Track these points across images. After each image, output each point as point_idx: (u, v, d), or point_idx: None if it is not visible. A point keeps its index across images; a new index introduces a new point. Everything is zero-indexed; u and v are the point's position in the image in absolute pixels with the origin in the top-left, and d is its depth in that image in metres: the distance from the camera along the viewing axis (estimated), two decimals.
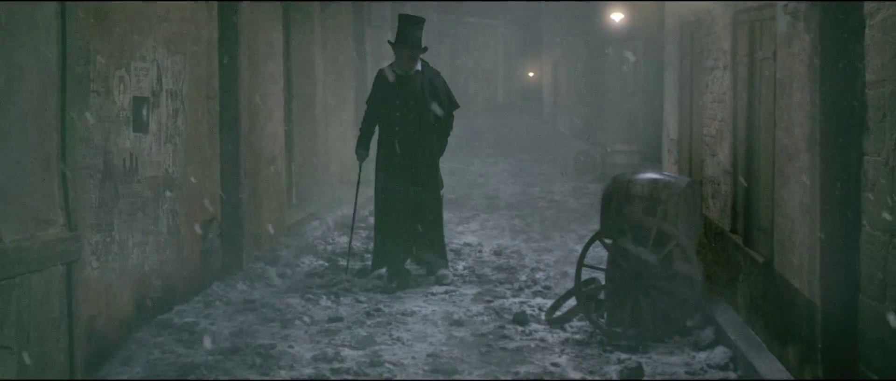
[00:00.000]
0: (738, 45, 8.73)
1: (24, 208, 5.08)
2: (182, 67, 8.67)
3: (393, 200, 10.01)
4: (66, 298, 5.40)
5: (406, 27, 9.98)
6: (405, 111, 9.98)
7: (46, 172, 5.31)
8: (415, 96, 9.93)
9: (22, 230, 5.01)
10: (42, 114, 5.28)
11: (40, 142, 5.27)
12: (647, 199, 8.17)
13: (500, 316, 8.72)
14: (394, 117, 9.99)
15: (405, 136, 9.99)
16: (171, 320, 8.26)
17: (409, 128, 9.98)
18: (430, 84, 10.01)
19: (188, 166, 8.85)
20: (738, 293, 8.51)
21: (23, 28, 5.04)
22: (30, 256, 5.06)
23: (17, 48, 5.00)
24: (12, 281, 4.91)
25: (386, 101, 10.03)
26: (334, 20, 14.48)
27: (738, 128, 8.76)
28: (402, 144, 9.99)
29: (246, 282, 9.83)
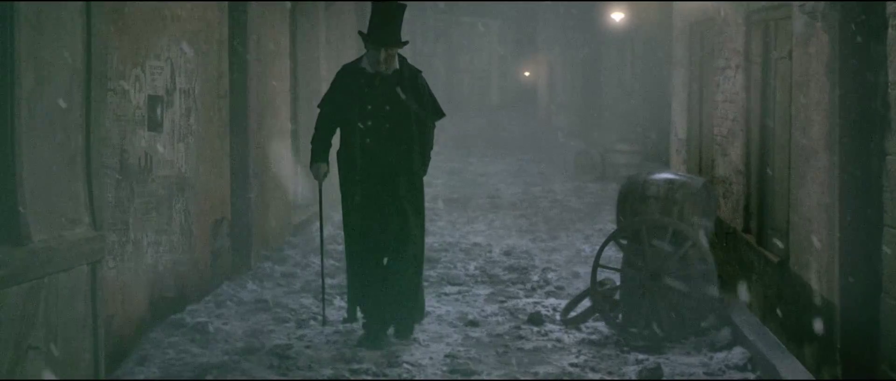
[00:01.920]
0: (752, 44, 8.73)
1: (52, 208, 5.05)
2: (195, 65, 8.64)
3: (366, 235, 7.90)
4: (90, 298, 5.37)
5: (381, 16, 7.72)
6: (380, 120, 7.76)
7: (72, 172, 5.28)
8: (393, 101, 7.76)
9: (50, 230, 4.98)
10: (68, 113, 5.25)
11: (67, 141, 5.24)
12: (663, 199, 8.16)
13: (514, 317, 8.71)
14: (363, 128, 7.76)
15: (380, 151, 7.78)
16: (184, 319, 8.22)
17: (384, 142, 7.77)
18: (410, 86, 7.84)
19: (200, 165, 8.82)
20: (752, 293, 8.51)
21: (50, 26, 5.01)
22: (58, 255, 5.03)
23: (46, 46, 4.97)
24: (41, 281, 4.88)
25: (352, 106, 7.76)
26: (338, 19, 14.46)
27: (751, 128, 8.76)
28: (376, 162, 7.78)
29: (255, 282, 9.80)
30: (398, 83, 7.79)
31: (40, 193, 4.93)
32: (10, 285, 4.54)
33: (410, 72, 7.90)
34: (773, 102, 8.22)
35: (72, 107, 5.30)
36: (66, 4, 5.16)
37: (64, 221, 5.17)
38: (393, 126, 7.79)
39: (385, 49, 7.65)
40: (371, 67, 7.75)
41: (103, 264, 5.52)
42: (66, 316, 5.18)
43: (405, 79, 7.82)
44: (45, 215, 4.98)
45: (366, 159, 7.78)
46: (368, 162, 7.78)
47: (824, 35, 6.89)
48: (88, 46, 5.40)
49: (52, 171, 5.07)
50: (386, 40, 7.65)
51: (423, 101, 7.90)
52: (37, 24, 4.87)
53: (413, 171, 7.89)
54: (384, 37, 7.65)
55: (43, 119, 4.98)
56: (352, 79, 7.84)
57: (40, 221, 4.90)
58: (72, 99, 5.29)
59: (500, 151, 27.68)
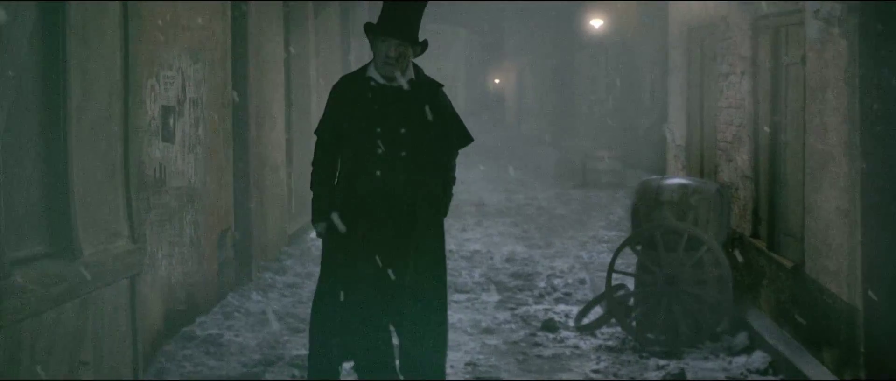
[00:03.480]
0: (760, 50, 8.76)
1: (97, 221, 4.98)
2: (202, 75, 8.56)
3: (358, 288, 6.06)
4: (130, 312, 5.30)
5: (393, 5, 6.00)
6: (393, 145, 5.99)
7: (112, 183, 5.21)
8: (409, 120, 6.02)
9: (97, 243, 4.91)
10: (108, 123, 5.18)
11: (108, 152, 5.17)
12: (678, 204, 8.18)
13: (527, 324, 8.69)
14: (370, 156, 5.98)
15: (393, 185, 6.01)
16: (194, 332, 8.14)
17: (398, 173, 6.01)
18: (430, 103, 6.10)
19: (207, 176, 8.74)
20: (762, 298, 8.54)
21: (94, 36, 4.94)
22: (104, 269, 4.96)
23: (90, 57, 4.90)
24: (90, 296, 4.79)
25: (357, 127, 6.00)
26: (325, 27, 14.41)
27: (759, 133, 8.80)
28: (387, 200, 6.02)
29: (260, 293, 9.72)
30: (416, 98, 6.01)
31: (87, 205, 4.86)
32: (66, 302, 4.45)
33: (429, 85, 6.10)
34: (785, 107, 8.26)
35: (112, 117, 5.23)
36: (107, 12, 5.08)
37: (107, 234, 5.10)
38: (410, 153, 5.99)
39: (396, 42, 5.85)
40: (380, 77, 5.98)
41: (141, 278, 5.42)
42: (109, 331, 5.10)
43: (424, 93, 6.03)
44: (92, 228, 4.90)
45: (374, 196, 5.97)
46: (377, 199, 5.97)
47: (842, 40, 6.93)
48: (126, 56, 5.33)
49: (96, 182, 4.99)
50: (399, 30, 5.85)
51: (445, 121, 6.11)
52: (83, 35, 4.80)
53: (435, 211, 6.14)
54: (397, 26, 5.86)
55: (88, 130, 4.91)
56: (355, 92, 6.00)
57: (88, 234, 4.82)
58: (112, 110, 5.23)
59: (472, 158, 27.65)
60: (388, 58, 5.92)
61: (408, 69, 6.04)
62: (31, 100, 4.54)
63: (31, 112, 4.53)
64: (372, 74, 6.07)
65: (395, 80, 5.99)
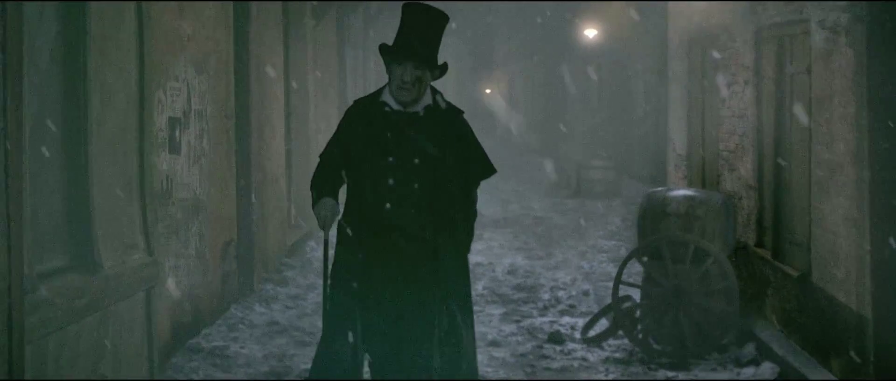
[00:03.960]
0: (763, 59, 8.79)
1: (115, 233, 4.95)
2: (207, 86, 8.54)
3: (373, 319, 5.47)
4: (146, 325, 5.27)
5: (411, 24, 5.48)
6: (406, 177, 5.45)
7: (129, 195, 5.19)
8: (423, 150, 5.48)
9: (115, 256, 4.88)
10: (125, 135, 5.16)
11: (125, 164, 5.15)
12: (684, 216, 8.18)
13: (534, 336, 8.68)
14: (380, 188, 5.44)
15: (405, 222, 5.44)
16: (200, 344, 8.10)
17: (411, 208, 5.45)
18: (449, 130, 5.56)
19: (211, 188, 8.71)
20: (767, 307, 8.55)
21: (112, 48, 4.92)
22: (122, 282, 4.94)
23: (109, 69, 4.88)
24: (109, 309, 4.77)
25: (367, 157, 5.48)
26: (323, 38, 14.40)
27: (763, 143, 8.82)
28: (399, 239, 5.44)
29: (262, 304, 9.69)
30: (432, 125, 5.50)
31: (106, 217, 4.83)
32: (88, 315, 4.43)
33: (448, 111, 5.60)
34: (790, 117, 8.27)
35: (128, 129, 5.21)
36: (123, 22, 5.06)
37: (124, 246, 5.07)
38: (424, 186, 5.43)
39: (412, 65, 5.34)
40: (394, 102, 5.48)
41: (157, 291, 5.40)
42: (127, 344, 5.07)
43: (441, 120, 5.53)
44: (111, 241, 4.88)
45: (383, 233, 5.39)
46: (386, 237, 5.39)
47: (849, 50, 6.95)
48: (141, 68, 5.31)
49: (114, 195, 4.97)
50: (415, 53, 5.34)
51: (464, 151, 5.55)
52: (102, 46, 4.78)
53: (455, 250, 5.50)
54: (413, 48, 5.35)
55: (107, 142, 4.89)
56: (367, 118, 5.50)
57: (107, 247, 4.80)
58: (128, 122, 5.21)
59: None
60: (404, 83, 5.38)
61: (425, 94, 5.50)
62: (52, 111, 4.51)
63: (52, 123, 4.51)
64: (386, 98, 5.52)
65: (410, 105, 5.46)
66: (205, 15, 8.45)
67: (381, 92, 5.62)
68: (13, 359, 3.72)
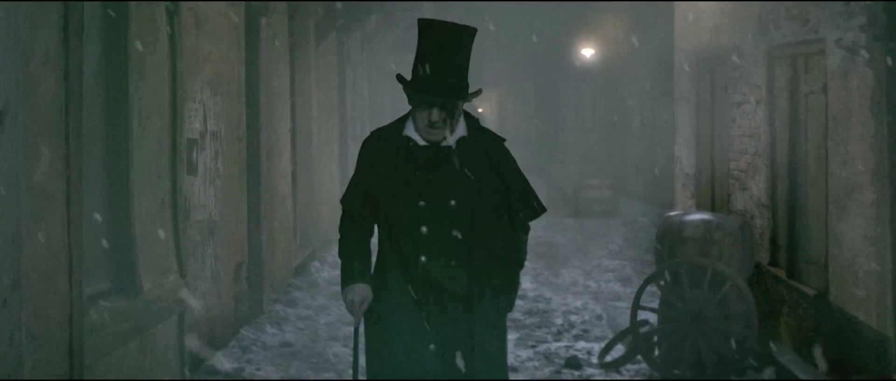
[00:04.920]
0: (776, 79, 8.80)
1: (152, 256, 4.93)
2: (222, 107, 8.52)
3: None
4: (178, 347, 5.23)
5: (435, 49, 4.53)
6: (441, 223, 4.60)
7: (162, 218, 5.16)
8: (460, 190, 4.61)
9: (153, 279, 4.85)
10: (159, 157, 5.14)
11: (159, 186, 5.12)
12: (701, 240, 8.17)
13: (550, 361, 8.63)
14: (411, 238, 4.61)
15: (442, 276, 4.60)
16: (215, 367, 8.04)
17: (447, 258, 4.60)
18: (490, 166, 4.66)
19: (225, 208, 8.68)
20: (782, 326, 8.55)
21: (149, 70, 4.90)
22: (159, 305, 4.91)
23: (146, 91, 4.86)
24: (148, 332, 4.74)
25: (392, 202, 4.62)
26: (325, 59, 14.40)
27: (777, 162, 8.83)
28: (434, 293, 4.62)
29: (274, 326, 9.64)
30: (469, 160, 4.62)
31: (144, 239, 4.80)
32: (132, 339, 4.40)
33: (487, 140, 4.70)
34: (805, 136, 8.29)
35: (162, 152, 5.19)
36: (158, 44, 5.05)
37: (160, 269, 5.04)
38: (464, 232, 4.57)
39: (437, 107, 4.49)
40: (421, 136, 4.60)
41: (188, 313, 5.37)
42: (162, 367, 5.04)
43: (479, 152, 4.64)
44: (148, 263, 4.86)
45: (417, 290, 4.59)
46: (421, 295, 4.59)
47: (867, 69, 6.97)
48: (174, 90, 5.30)
49: (150, 217, 4.94)
50: (446, 87, 4.46)
51: (509, 188, 4.64)
52: (141, 68, 4.76)
53: (498, 307, 4.68)
54: (442, 80, 4.45)
55: (144, 165, 4.86)
56: (389, 155, 4.61)
57: (146, 269, 4.77)
58: (162, 144, 5.18)
59: None
60: (432, 123, 4.49)
61: (454, 125, 4.58)
62: (95, 133, 4.49)
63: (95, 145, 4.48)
64: (411, 133, 4.60)
65: (440, 140, 4.57)
66: (220, 35, 8.44)
67: (404, 124, 4.65)
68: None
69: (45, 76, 3.52)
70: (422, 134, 4.57)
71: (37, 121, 3.49)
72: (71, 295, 3.63)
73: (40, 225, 3.49)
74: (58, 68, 3.57)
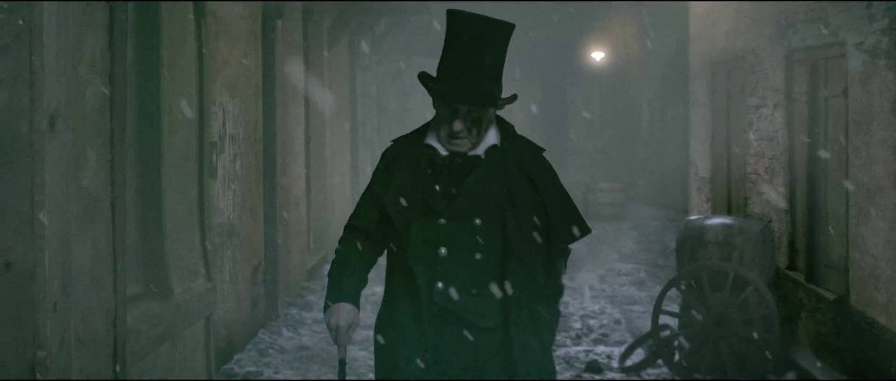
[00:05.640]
0: (794, 82, 8.78)
1: (181, 259, 4.92)
2: (240, 110, 8.52)
3: None
4: (205, 350, 5.22)
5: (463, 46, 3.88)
6: (465, 246, 3.92)
7: (190, 222, 5.15)
8: (487, 207, 3.93)
9: (183, 283, 4.85)
10: (187, 162, 5.13)
11: (187, 191, 5.12)
12: (722, 244, 8.16)
13: (571, 366, 8.60)
14: (429, 261, 3.91)
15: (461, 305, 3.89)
16: (233, 370, 8.04)
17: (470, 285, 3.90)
18: (525, 179, 3.98)
19: (243, 212, 8.68)
20: (800, 330, 8.52)
21: (179, 75, 4.90)
22: (188, 308, 4.91)
23: (174, 95, 4.86)
24: (178, 336, 4.74)
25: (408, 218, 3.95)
26: (337, 62, 14.40)
27: (795, 166, 8.80)
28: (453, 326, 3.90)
29: (289, 329, 9.63)
30: (500, 172, 3.93)
31: (174, 243, 4.80)
32: (165, 342, 4.39)
33: (521, 149, 4.03)
34: (824, 139, 8.26)
35: (189, 155, 5.19)
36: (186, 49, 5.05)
37: (189, 273, 5.04)
38: (490, 255, 3.89)
39: (461, 116, 3.84)
40: (444, 145, 3.93)
41: (214, 317, 5.37)
42: (190, 370, 5.03)
43: (512, 163, 3.95)
44: (178, 267, 4.86)
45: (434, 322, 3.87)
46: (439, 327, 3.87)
47: (889, 73, 6.95)
48: (201, 94, 5.30)
49: (179, 221, 4.94)
50: (468, 94, 3.82)
51: (547, 204, 3.95)
52: (171, 73, 4.76)
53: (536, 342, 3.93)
54: (462, 87, 3.81)
55: (173, 169, 4.86)
56: (408, 166, 3.98)
57: (176, 273, 4.76)
58: (189, 147, 5.18)
59: None
60: (454, 134, 3.85)
61: (481, 133, 3.92)
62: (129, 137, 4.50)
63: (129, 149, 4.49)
64: (433, 141, 3.94)
65: (468, 150, 3.91)
66: (238, 38, 8.44)
67: (425, 131, 4.01)
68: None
69: (92, 80, 3.51)
70: (443, 144, 3.90)
71: (84, 125, 3.49)
72: (115, 298, 3.62)
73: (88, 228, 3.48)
74: (104, 72, 3.57)
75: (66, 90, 3.29)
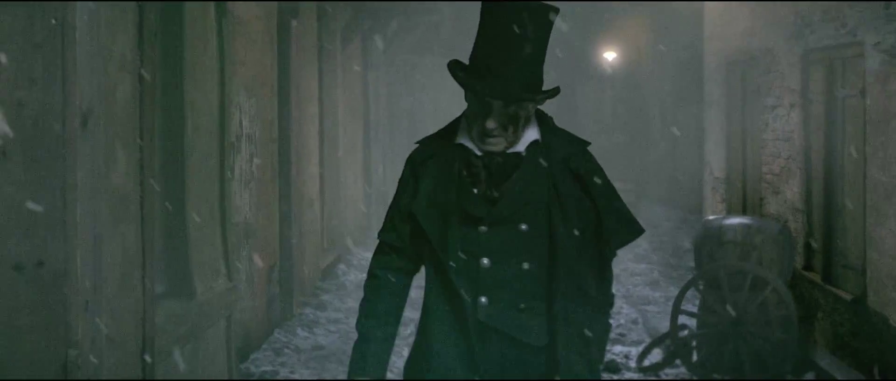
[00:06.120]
0: (811, 82, 8.77)
1: (203, 259, 4.93)
2: (256, 110, 8.53)
3: None
4: (226, 351, 5.23)
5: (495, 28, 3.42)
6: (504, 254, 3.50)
7: (212, 221, 5.16)
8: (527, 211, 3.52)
9: (204, 282, 4.85)
10: (208, 162, 5.14)
11: (209, 190, 5.12)
12: (741, 244, 8.15)
13: None
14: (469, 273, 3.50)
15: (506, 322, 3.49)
16: (249, 369, 8.04)
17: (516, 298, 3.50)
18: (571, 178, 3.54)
19: (259, 212, 8.69)
20: (817, 331, 8.50)
21: (202, 75, 4.91)
22: (212, 309, 4.91)
23: (200, 95, 4.86)
24: (200, 336, 4.74)
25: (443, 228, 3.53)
26: (350, 61, 14.40)
27: (812, 166, 8.79)
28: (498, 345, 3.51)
29: (304, 329, 9.63)
30: (544, 171, 3.52)
31: (196, 242, 4.81)
32: (187, 343, 4.40)
33: (566, 145, 3.59)
34: (842, 140, 8.25)
35: (211, 156, 5.19)
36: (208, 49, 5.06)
37: (211, 272, 5.05)
38: (537, 264, 3.49)
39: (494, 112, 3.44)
40: (477, 144, 3.53)
41: (235, 317, 5.37)
42: (211, 370, 5.04)
43: (556, 160, 3.53)
44: (199, 267, 4.86)
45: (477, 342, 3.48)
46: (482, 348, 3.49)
47: None
48: (222, 94, 5.30)
49: (201, 221, 4.95)
50: (494, 88, 3.39)
51: (596, 205, 3.53)
52: (193, 73, 4.77)
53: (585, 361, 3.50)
54: (494, 78, 3.39)
55: (196, 168, 4.87)
56: (439, 169, 3.56)
57: (198, 273, 4.77)
58: (211, 146, 5.19)
59: None
60: (487, 132, 3.44)
61: (527, 127, 3.53)
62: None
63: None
64: (465, 140, 3.54)
65: (502, 148, 3.50)
66: (254, 38, 8.44)
67: (456, 129, 3.58)
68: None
69: (122, 79, 3.52)
70: (477, 143, 3.50)
71: (114, 123, 3.50)
72: (144, 297, 3.63)
73: (118, 227, 3.49)
74: (133, 71, 3.58)
75: (98, 89, 3.30)
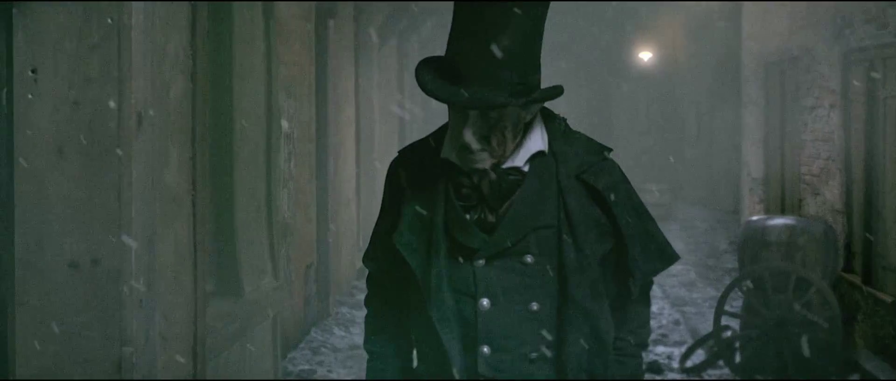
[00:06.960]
0: (851, 83, 8.71)
1: (250, 258, 4.96)
2: (295, 110, 8.56)
3: None
4: (273, 349, 5.25)
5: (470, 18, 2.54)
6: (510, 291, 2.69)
7: (259, 220, 5.18)
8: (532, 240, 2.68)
9: (252, 281, 4.88)
10: (255, 161, 5.17)
11: (256, 189, 5.15)
12: (785, 245, 8.10)
13: None
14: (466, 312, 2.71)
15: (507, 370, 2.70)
16: (287, 368, 8.07)
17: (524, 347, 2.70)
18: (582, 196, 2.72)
19: (297, 211, 8.72)
20: (857, 333, 8.45)
21: (249, 75, 4.94)
22: (259, 307, 4.93)
23: (246, 95, 4.89)
24: (248, 334, 4.77)
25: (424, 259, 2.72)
26: (385, 62, 14.44)
27: (852, 167, 8.73)
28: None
29: (341, 328, 9.66)
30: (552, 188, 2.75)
31: (244, 241, 4.84)
32: (236, 341, 4.43)
33: (580, 155, 2.80)
34: (883, 140, 8.19)
35: (257, 154, 5.22)
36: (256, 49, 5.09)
37: (258, 272, 5.08)
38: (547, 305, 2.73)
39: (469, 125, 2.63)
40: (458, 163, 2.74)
41: (281, 315, 5.40)
42: (258, 369, 5.06)
43: (569, 174, 2.76)
44: (248, 265, 4.89)
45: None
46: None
47: None
48: (268, 93, 5.33)
49: (249, 220, 4.98)
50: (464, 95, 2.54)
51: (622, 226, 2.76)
52: (241, 72, 4.80)
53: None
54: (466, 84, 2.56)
55: (244, 167, 4.89)
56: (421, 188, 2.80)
57: (246, 272, 4.80)
58: (258, 146, 5.21)
59: None
60: (465, 148, 2.66)
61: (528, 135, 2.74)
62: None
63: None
64: (451, 155, 2.75)
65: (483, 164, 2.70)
66: (293, 38, 8.48)
67: (442, 139, 2.82)
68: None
69: (175, 79, 3.55)
70: (458, 161, 2.71)
71: (167, 123, 3.53)
72: (195, 295, 3.66)
73: (171, 226, 3.52)
74: (186, 71, 3.61)
75: (152, 88, 3.33)
